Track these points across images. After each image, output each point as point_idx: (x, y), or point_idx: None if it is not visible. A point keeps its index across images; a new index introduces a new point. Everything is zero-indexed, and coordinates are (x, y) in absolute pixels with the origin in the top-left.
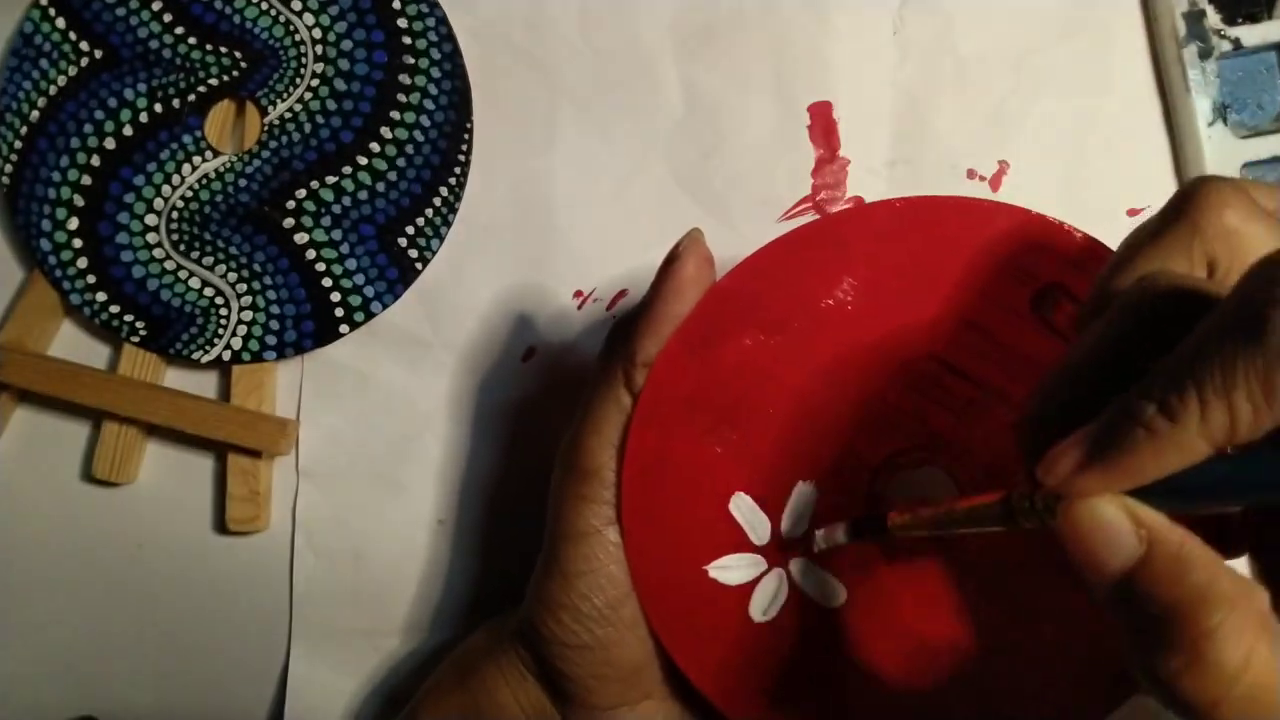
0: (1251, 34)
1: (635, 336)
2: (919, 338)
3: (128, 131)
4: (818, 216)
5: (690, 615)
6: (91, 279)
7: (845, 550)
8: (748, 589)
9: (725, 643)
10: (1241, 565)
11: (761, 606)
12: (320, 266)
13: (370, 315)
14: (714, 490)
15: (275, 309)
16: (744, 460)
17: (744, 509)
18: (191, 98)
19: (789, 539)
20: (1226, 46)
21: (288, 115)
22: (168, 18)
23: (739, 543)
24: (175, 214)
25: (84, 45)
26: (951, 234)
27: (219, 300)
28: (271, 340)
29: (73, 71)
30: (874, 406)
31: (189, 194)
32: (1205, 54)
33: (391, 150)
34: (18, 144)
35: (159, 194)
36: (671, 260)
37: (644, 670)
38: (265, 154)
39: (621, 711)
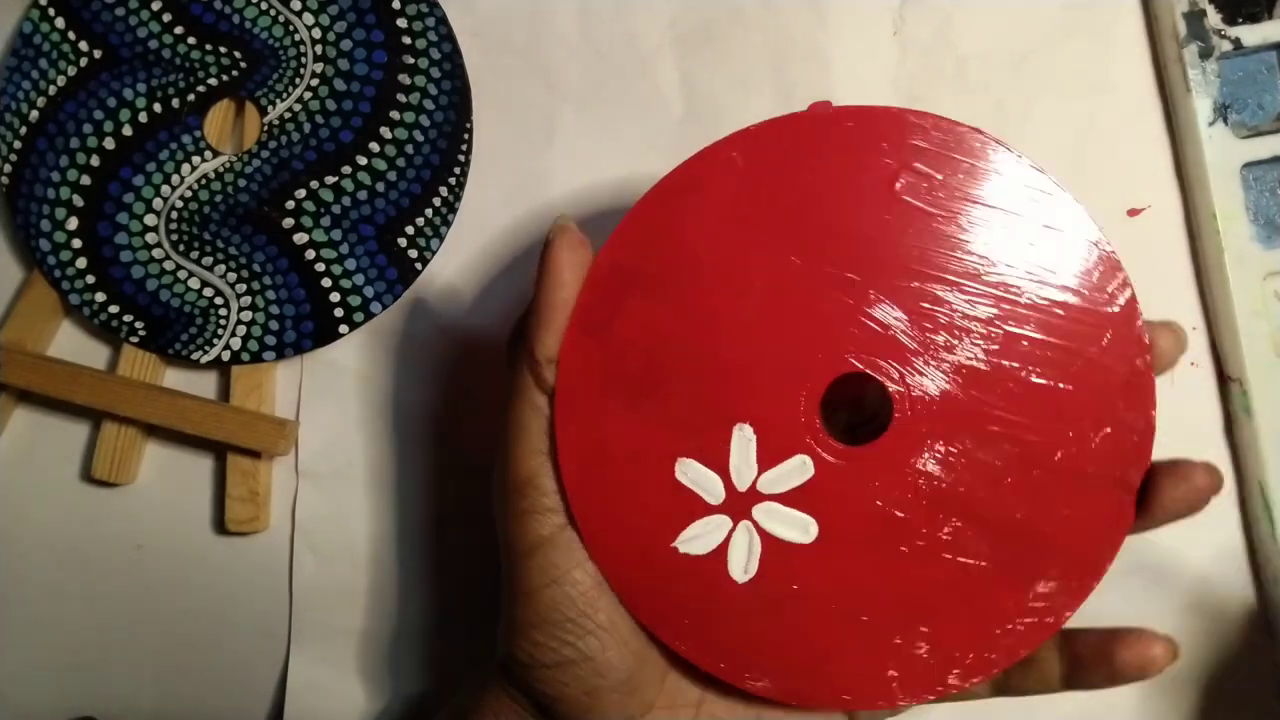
0: (1252, 34)
1: (530, 335)
2: (805, 259)
3: (127, 131)
4: None
5: (675, 598)
6: (91, 279)
7: (807, 483)
8: (721, 552)
9: (719, 615)
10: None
11: (740, 566)
12: (320, 267)
13: (370, 315)
14: (655, 464)
15: (275, 309)
16: (673, 425)
17: (690, 472)
18: (191, 98)
19: (743, 487)
20: (1227, 46)
21: (287, 115)
22: (167, 17)
23: (696, 508)
24: (174, 214)
25: (83, 45)
26: (802, 149)
27: (218, 300)
28: (271, 340)
29: (72, 71)
30: (783, 336)
31: (188, 194)
32: (1206, 54)
33: (391, 150)
34: (17, 144)
35: (158, 194)
36: (545, 250)
37: (637, 676)
38: (265, 154)
39: None
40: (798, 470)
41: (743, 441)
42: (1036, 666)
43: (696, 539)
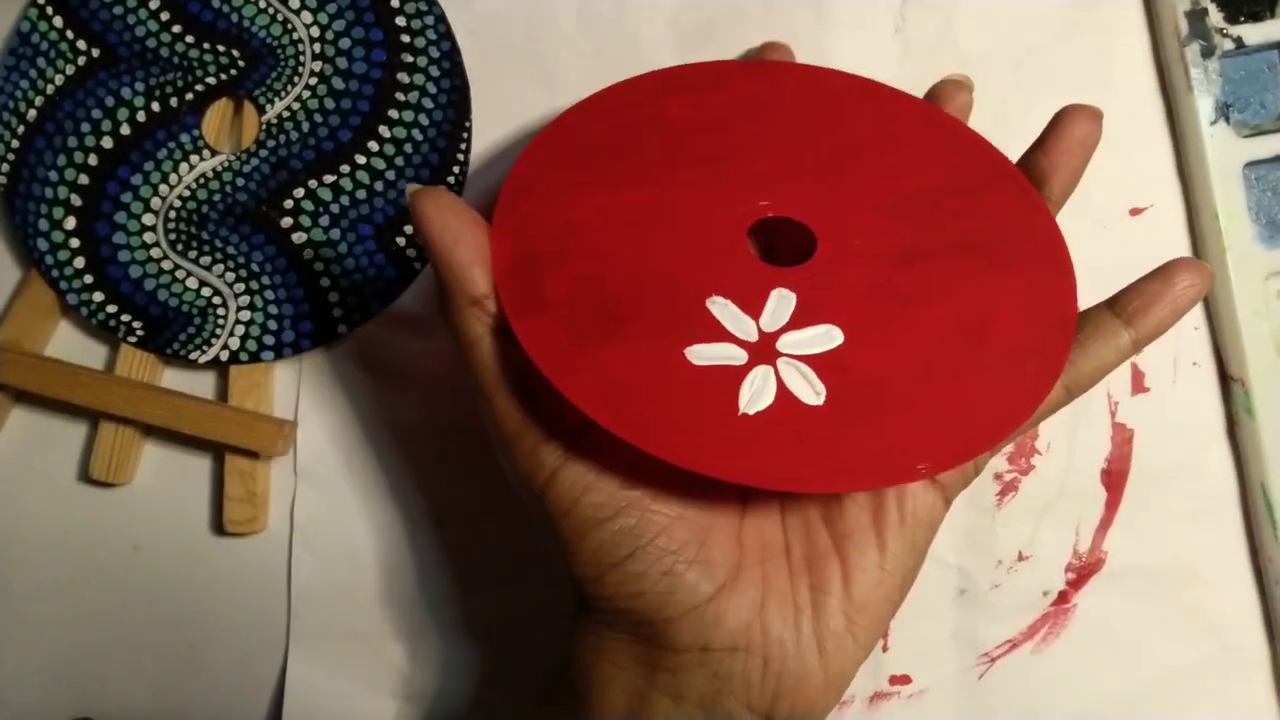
0: (1254, 33)
1: (456, 285)
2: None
3: (125, 130)
4: None
5: (757, 452)
6: (89, 279)
7: (797, 305)
8: (785, 394)
9: (808, 442)
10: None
11: (810, 393)
12: (318, 266)
13: (369, 315)
14: (667, 367)
15: (273, 309)
16: (656, 334)
17: (705, 353)
18: (189, 96)
19: (756, 337)
20: (1229, 45)
21: (285, 114)
22: (165, 16)
23: (733, 375)
24: (173, 213)
25: (81, 44)
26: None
27: (216, 300)
28: (269, 340)
29: (70, 70)
30: (700, 212)
31: (186, 193)
32: (1208, 53)
33: (390, 149)
34: (15, 143)
35: (156, 193)
36: (415, 212)
37: (711, 558)
38: (263, 153)
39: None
40: (783, 302)
41: (723, 309)
42: (1101, 333)
43: (756, 395)
